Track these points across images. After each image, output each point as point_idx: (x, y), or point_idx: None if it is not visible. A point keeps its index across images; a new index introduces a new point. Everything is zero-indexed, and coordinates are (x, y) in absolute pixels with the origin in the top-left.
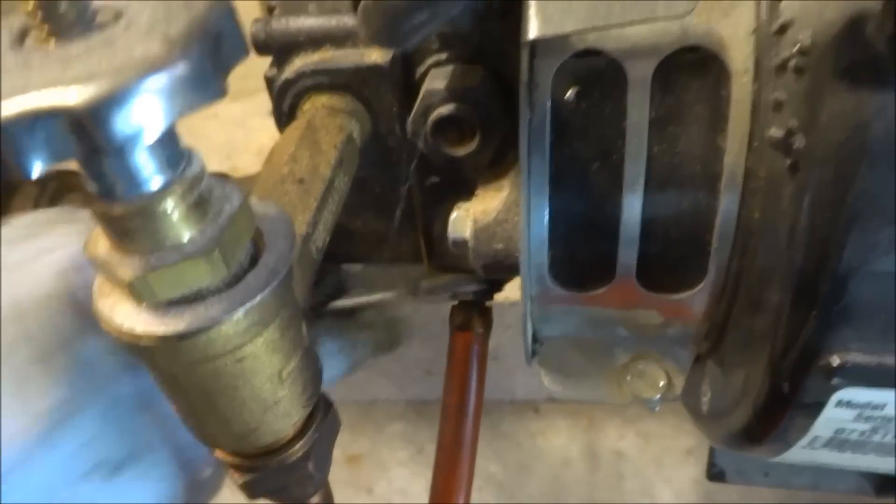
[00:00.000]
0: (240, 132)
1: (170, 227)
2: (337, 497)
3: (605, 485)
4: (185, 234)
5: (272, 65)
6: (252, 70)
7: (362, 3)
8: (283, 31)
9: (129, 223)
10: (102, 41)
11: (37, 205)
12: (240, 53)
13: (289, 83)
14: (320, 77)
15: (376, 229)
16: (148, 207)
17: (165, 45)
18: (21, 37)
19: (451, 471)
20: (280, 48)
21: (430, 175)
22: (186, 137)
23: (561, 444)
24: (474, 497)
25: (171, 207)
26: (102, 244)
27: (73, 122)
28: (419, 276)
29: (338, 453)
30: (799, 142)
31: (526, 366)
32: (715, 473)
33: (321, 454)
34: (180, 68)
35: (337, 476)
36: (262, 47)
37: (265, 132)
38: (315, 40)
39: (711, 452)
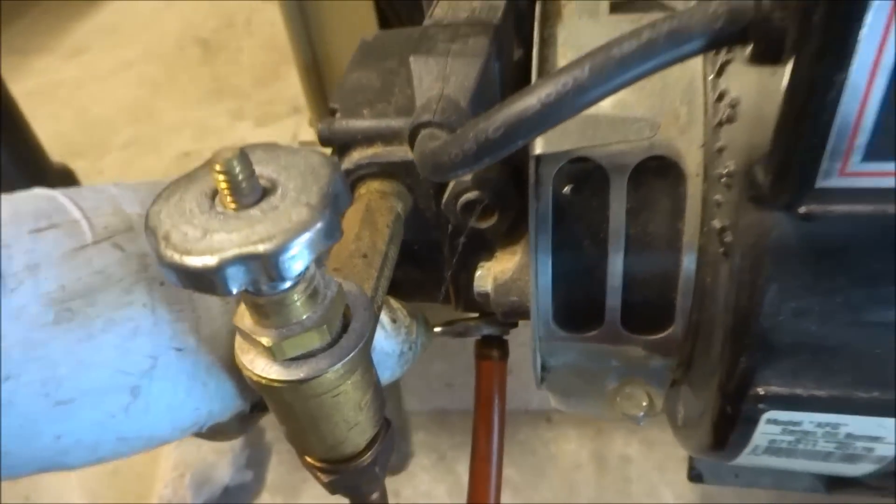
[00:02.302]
0: None
1: (295, 310)
2: None
3: (612, 487)
4: (304, 314)
5: (333, 151)
6: (277, 97)
7: (417, 150)
8: (345, 131)
9: (269, 308)
10: (269, 208)
11: None
12: (348, 202)
13: (348, 172)
14: (373, 167)
15: (414, 278)
16: (283, 300)
17: (310, 212)
18: (211, 197)
19: (484, 477)
20: (341, 144)
21: (459, 238)
22: None
23: (572, 450)
24: None
25: (297, 298)
26: (247, 319)
27: (261, 263)
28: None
29: None
30: (728, 237)
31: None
32: (694, 476)
33: (384, 461)
34: (319, 226)
35: None
36: (327, 142)
37: None
38: (369, 138)
39: (690, 458)
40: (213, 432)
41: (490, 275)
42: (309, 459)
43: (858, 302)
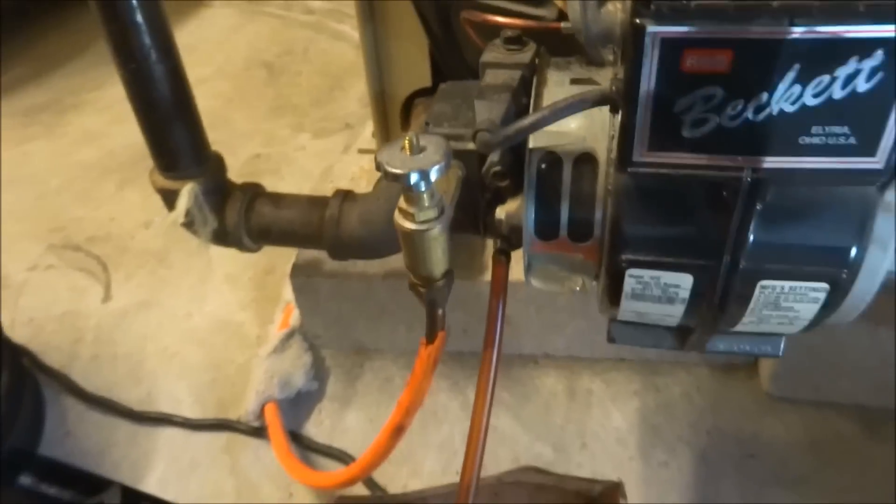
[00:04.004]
0: (337, 163)
1: (426, 199)
2: None
3: (578, 409)
4: (428, 202)
5: None
6: (330, 115)
7: (478, 141)
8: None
9: (415, 197)
10: (423, 155)
11: None
12: (450, 161)
13: None
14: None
15: (462, 218)
16: (420, 195)
17: (439, 158)
18: (401, 149)
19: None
20: None
21: (487, 193)
22: (283, 166)
23: (551, 383)
24: (494, 414)
25: (426, 195)
26: (402, 202)
27: (420, 174)
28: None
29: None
30: (610, 186)
31: (530, 330)
32: (610, 339)
33: (447, 290)
34: (441, 164)
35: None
36: None
37: (352, 165)
38: (448, 138)
39: (608, 329)
40: None
41: (503, 211)
42: (413, 280)
43: (660, 212)
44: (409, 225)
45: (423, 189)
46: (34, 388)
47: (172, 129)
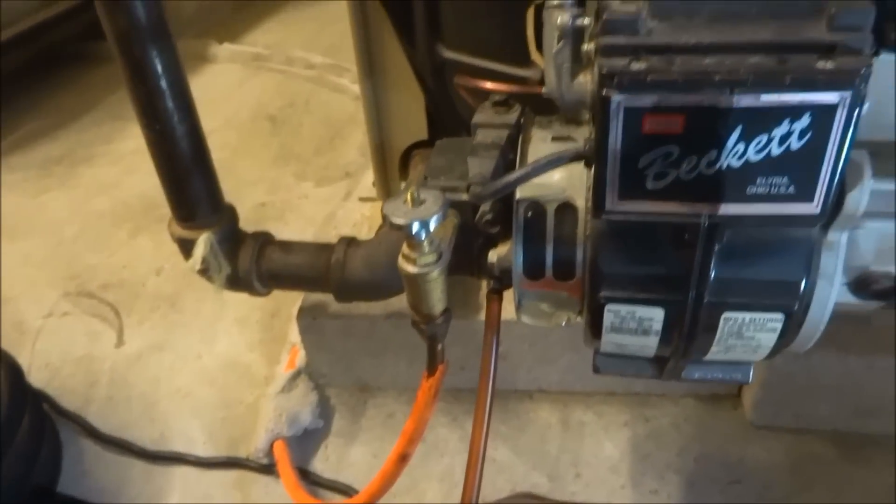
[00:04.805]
0: (339, 210)
1: (426, 246)
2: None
3: (571, 440)
4: (438, 248)
5: None
6: (331, 164)
7: (470, 193)
8: (433, 186)
9: (415, 243)
10: (422, 206)
11: None
12: (447, 212)
13: None
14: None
15: (457, 260)
16: (422, 242)
17: (436, 209)
18: (403, 202)
19: (483, 390)
20: None
21: (480, 238)
22: (287, 213)
23: (545, 416)
24: (488, 447)
25: (426, 241)
26: (405, 248)
27: (420, 223)
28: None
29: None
30: (588, 231)
31: (524, 365)
32: (595, 369)
33: (446, 326)
34: (439, 215)
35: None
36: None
37: (354, 212)
38: (444, 189)
39: (594, 361)
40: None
41: (495, 254)
42: (415, 318)
43: (632, 253)
44: (411, 269)
45: (423, 237)
46: (52, 431)
47: (191, 182)
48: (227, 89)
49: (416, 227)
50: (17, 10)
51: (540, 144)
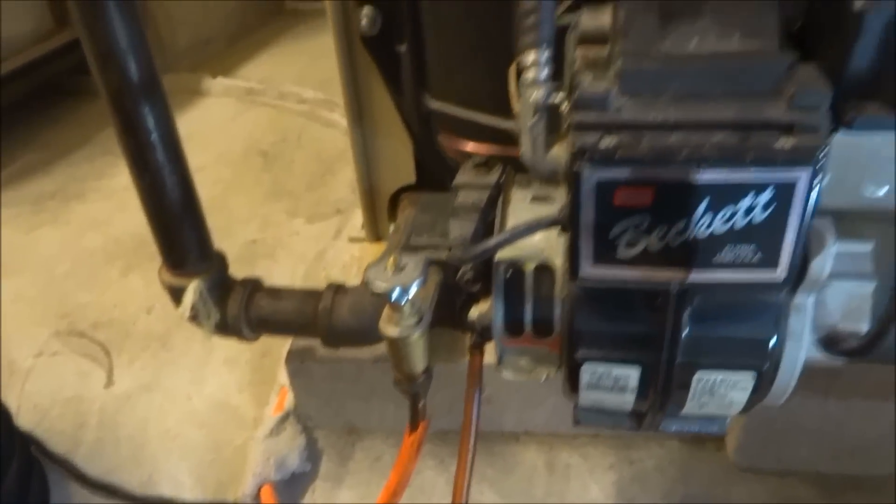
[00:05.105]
0: (329, 249)
1: (406, 310)
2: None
3: (557, 482)
4: (409, 312)
5: None
6: (323, 200)
7: (451, 256)
8: (415, 245)
9: (395, 308)
10: (403, 272)
11: None
12: (427, 276)
13: None
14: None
15: (442, 315)
16: (402, 306)
17: (417, 275)
18: (384, 269)
19: (465, 441)
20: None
21: (462, 295)
22: (278, 249)
23: (531, 458)
24: (474, 490)
25: (407, 305)
26: (387, 311)
27: (401, 290)
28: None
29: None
30: (565, 293)
31: (510, 407)
32: (576, 422)
33: (427, 385)
34: (419, 280)
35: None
36: (411, 249)
37: (344, 252)
38: (425, 248)
39: (574, 415)
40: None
41: (476, 311)
42: (397, 377)
43: (608, 315)
44: (392, 332)
45: (403, 302)
46: (41, 475)
47: (181, 231)
48: (220, 123)
49: (396, 293)
50: (15, 45)
51: (519, 204)
